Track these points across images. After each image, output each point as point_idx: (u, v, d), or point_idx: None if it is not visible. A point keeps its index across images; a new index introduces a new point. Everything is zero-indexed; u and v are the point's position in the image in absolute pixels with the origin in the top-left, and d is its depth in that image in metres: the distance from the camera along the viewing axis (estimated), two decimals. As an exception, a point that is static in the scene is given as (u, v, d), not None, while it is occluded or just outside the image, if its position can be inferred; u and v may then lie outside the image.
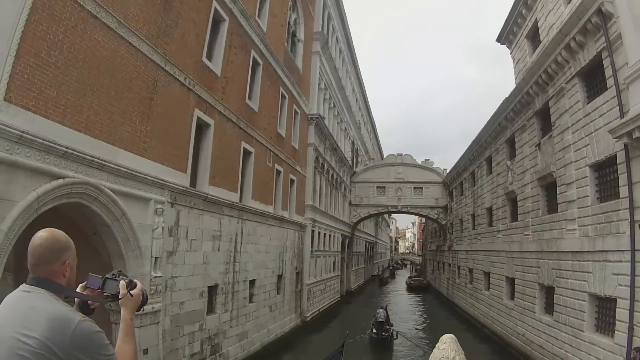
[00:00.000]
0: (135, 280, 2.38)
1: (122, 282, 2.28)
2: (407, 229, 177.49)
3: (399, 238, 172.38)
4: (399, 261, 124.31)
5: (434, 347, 5.47)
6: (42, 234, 2.13)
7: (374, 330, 21.94)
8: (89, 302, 2.28)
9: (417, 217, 71.03)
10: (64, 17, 8.07)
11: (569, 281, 14.29)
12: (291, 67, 23.31)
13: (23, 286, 2.09)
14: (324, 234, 30.48)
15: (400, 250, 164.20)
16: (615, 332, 11.44)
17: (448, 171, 40.50)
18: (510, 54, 22.88)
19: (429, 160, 44.14)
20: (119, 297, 2.26)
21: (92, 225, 9.46)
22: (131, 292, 2.30)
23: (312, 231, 26.83)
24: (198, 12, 13.44)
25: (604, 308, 12.55)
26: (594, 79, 13.70)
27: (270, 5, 19.78)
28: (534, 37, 19.89)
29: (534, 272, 17.50)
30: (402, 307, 37.95)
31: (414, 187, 42.62)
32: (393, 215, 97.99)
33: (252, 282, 17.52)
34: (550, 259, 15.91)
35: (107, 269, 9.63)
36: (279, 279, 20.96)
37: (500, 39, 23.34)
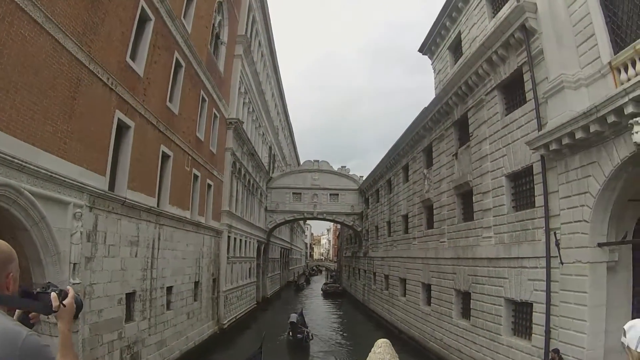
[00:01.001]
0: (67, 287, 2.21)
1: (53, 294, 2.09)
2: (322, 236, 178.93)
3: (314, 244, 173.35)
4: (315, 267, 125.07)
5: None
6: None
7: (290, 333, 23.23)
8: (30, 316, 2.12)
9: (332, 223, 71.80)
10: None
11: (485, 287, 14.77)
12: (213, 70, 22.99)
13: None
14: (240, 240, 30.07)
15: (316, 256, 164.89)
16: (533, 335, 11.95)
17: (364, 178, 41.13)
18: (432, 64, 23.48)
19: (345, 167, 44.65)
20: (53, 309, 2.06)
21: (10, 229, 8.91)
22: (63, 302, 2.12)
23: (229, 237, 26.42)
24: (125, 10, 13.14)
25: (521, 312, 13.08)
26: (513, 92, 14.28)
27: (196, 6, 19.55)
28: (456, 49, 20.54)
29: (450, 278, 17.98)
30: (318, 313, 38.12)
31: (330, 194, 43.02)
32: (308, 222, 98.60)
33: (169, 289, 17.14)
34: (466, 265, 16.40)
35: (25, 275, 8.92)
36: (195, 286, 20.53)
37: (422, 50, 23.87)
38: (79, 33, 10.59)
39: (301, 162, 55.75)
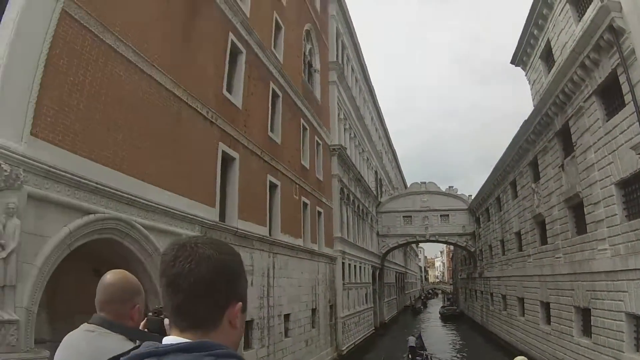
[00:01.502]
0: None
1: (166, 320, 1.92)
2: (435, 258, 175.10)
3: (428, 267, 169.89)
4: (430, 291, 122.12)
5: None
6: (113, 275, 2.10)
7: (409, 356, 23.35)
8: None
9: (445, 245, 70.09)
10: (84, 50, 8.08)
11: (605, 302, 13.95)
12: (310, 98, 23.32)
13: (85, 325, 2.00)
14: (354, 266, 30.25)
15: (430, 279, 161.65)
16: (657, 351, 11.14)
17: (473, 197, 40.14)
18: (526, 75, 22.88)
19: (452, 187, 43.91)
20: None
21: (124, 260, 9.24)
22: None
23: (343, 263, 26.66)
24: (215, 45, 13.55)
25: (643, 327, 12.22)
26: (611, 96, 13.64)
27: (285, 36, 19.85)
28: (547, 57, 19.88)
29: (568, 294, 17.12)
30: (437, 336, 37.45)
31: (440, 215, 42.25)
32: (421, 245, 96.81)
33: (286, 317, 17.45)
34: (584, 280, 15.57)
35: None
36: (313, 313, 20.77)
37: (514, 61, 23.37)
38: (174, 69, 10.88)
39: (408, 185, 55.47)
